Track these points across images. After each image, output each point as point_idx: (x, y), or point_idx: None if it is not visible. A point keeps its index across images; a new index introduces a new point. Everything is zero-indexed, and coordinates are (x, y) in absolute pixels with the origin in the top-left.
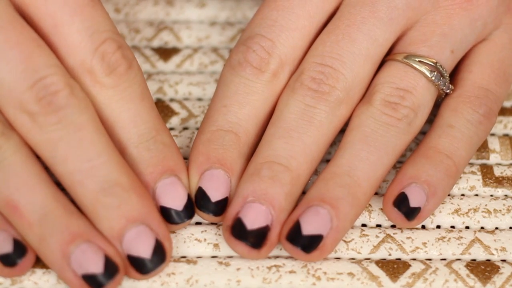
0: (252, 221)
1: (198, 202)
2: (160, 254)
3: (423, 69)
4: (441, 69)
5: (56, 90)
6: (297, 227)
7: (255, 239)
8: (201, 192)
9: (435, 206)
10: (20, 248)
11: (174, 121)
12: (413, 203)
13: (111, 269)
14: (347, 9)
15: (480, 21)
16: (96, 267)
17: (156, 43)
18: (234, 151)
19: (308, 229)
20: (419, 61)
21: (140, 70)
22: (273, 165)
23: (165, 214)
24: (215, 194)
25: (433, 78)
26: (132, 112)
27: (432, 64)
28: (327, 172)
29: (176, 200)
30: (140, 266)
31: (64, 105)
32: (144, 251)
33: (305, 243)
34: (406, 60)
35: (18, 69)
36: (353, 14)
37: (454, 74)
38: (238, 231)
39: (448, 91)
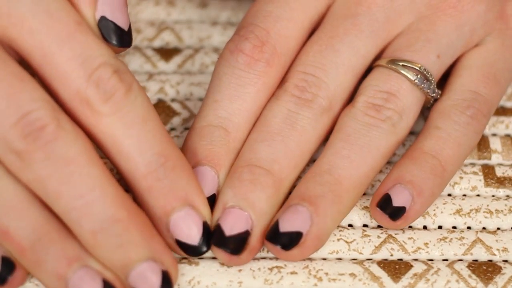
0: (231, 227)
1: None
2: (167, 285)
3: (406, 72)
4: (425, 73)
5: (43, 125)
6: (275, 225)
7: (234, 245)
8: None
9: (423, 207)
10: (8, 264)
11: (175, 121)
12: (396, 202)
13: None
14: (329, 22)
15: (467, 27)
16: None
17: (157, 43)
18: (223, 146)
19: (285, 226)
20: (403, 65)
21: (142, 91)
22: (254, 169)
23: (182, 248)
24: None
25: (417, 81)
26: (136, 139)
27: (416, 68)
28: (309, 173)
29: (191, 235)
30: None
31: (51, 139)
32: (152, 286)
33: (284, 241)
34: (389, 65)
35: (1, 107)
36: (336, 27)
37: (446, 80)
38: (218, 238)
39: (434, 95)
